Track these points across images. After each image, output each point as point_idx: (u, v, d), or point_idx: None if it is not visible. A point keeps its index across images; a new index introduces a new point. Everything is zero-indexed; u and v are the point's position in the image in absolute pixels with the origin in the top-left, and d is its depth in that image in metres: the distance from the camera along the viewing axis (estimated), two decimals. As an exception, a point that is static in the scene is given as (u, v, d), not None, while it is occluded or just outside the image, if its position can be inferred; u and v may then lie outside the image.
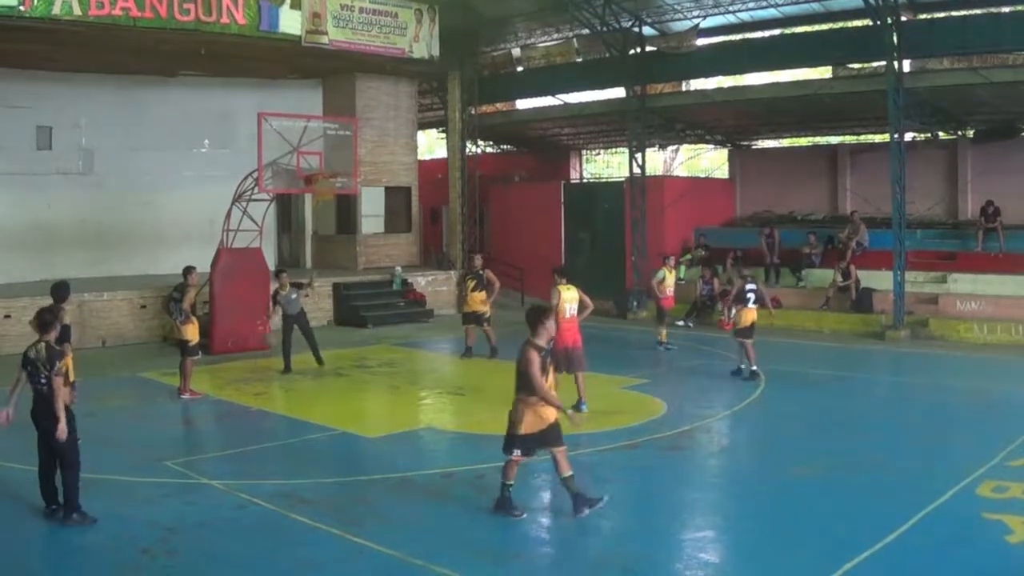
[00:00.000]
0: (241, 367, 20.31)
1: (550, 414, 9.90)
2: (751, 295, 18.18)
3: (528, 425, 9.84)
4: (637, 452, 13.07)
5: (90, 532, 9.69)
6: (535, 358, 9.76)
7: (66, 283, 13.39)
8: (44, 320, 10.17)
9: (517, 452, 9.95)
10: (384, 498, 11.04)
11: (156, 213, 28.55)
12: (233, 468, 12.34)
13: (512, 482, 10.11)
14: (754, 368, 18.01)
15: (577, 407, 14.94)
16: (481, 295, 21.11)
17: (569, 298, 15.49)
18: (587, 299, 15.67)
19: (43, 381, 9.81)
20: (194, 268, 17.93)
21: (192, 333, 17.04)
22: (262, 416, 15.84)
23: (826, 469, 11.80)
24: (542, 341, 10.01)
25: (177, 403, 16.64)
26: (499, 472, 10.17)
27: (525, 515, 10.07)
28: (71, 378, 13.11)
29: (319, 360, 20.27)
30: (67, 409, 9.93)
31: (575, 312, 15.54)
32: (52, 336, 10.06)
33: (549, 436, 9.91)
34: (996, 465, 11.79)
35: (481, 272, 21.34)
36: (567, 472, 9.92)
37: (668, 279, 22.35)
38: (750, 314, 18.23)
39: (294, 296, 20.06)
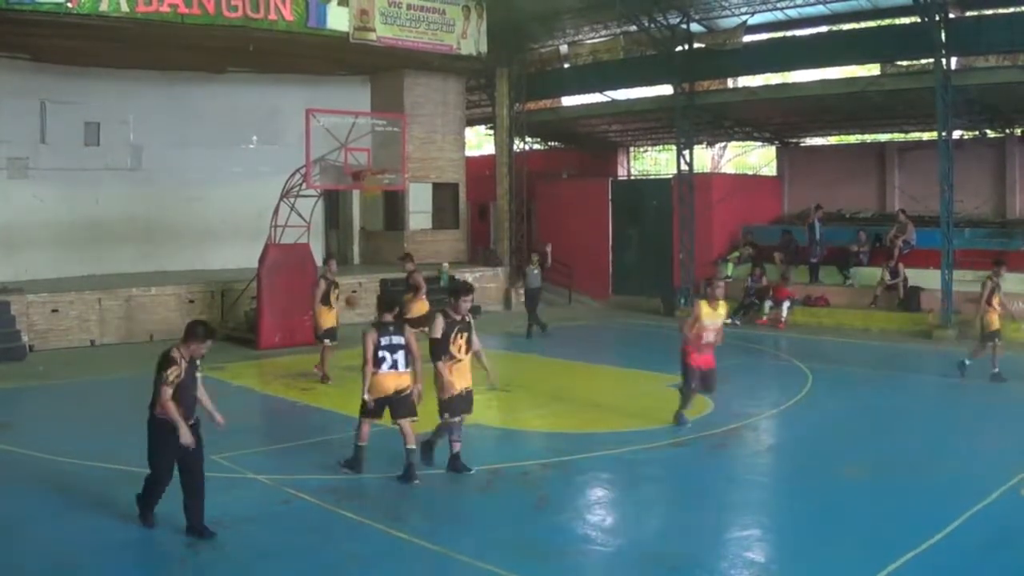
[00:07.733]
0: (288, 362, 20.39)
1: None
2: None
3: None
4: (684, 450, 13.03)
5: (136, 526, 9.74)
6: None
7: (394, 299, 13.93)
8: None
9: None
10: (430, 494, 11.09)
11: (204, 209, 28.69)
12: (279, 463, 12.42)
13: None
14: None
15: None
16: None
17: None
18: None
19: None
20: (332, 257, 20.07)
21: (327, 320, 17.98)
22: (309, 411, 15.90)
23: (872, 468, 11.72)
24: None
25: (224, 397, 16.69)
26: (546, 468, 10.16)
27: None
28: None
29: (531, 327, 24.36)
30: (164, 423, 9.43)
31: None
32: (195, 348, 10.14)
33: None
34: (1043, 466, 11.65)
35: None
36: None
37: None
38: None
39: (535, 272, 24.69)
